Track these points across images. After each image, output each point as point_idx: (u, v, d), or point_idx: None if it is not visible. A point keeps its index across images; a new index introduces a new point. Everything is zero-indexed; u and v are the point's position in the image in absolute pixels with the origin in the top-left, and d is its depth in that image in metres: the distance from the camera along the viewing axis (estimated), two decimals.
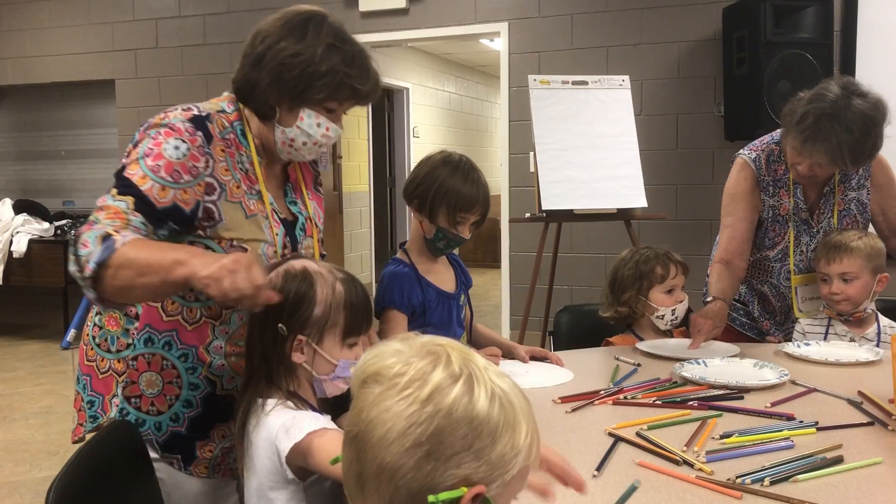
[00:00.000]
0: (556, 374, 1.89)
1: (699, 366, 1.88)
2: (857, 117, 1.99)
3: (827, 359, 1.96)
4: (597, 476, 1.26)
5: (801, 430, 1.44)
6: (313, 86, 1.45)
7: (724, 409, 1.57)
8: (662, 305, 2.19)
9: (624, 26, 4.84)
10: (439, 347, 0.78)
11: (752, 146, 2.32)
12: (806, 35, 4.09)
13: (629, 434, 1.44)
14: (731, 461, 1.31)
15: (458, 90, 9.91)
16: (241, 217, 1.48)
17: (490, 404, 0.74)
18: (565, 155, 3.94)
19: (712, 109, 4.66)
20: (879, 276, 2.12)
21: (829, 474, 1.25)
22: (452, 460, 0.72)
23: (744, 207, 2.28)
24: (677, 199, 4.77)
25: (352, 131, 7.28)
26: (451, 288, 2.02)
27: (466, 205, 1.85)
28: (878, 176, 2.27)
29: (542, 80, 4.05)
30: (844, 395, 1.66)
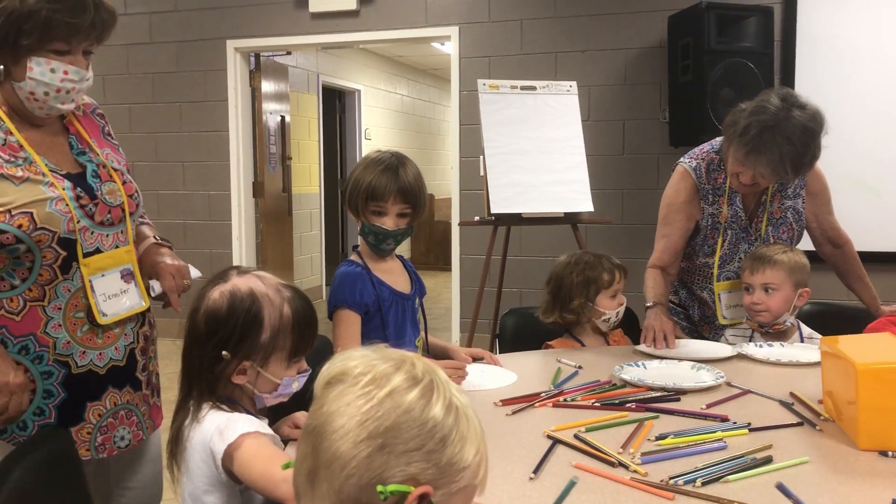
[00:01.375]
0: (500, 376, 1.90)
1: (638, 368, 1.91)
2: (797, 129, 2.04)
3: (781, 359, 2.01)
4: (534, 478, 1.27)
5: (733, 432, 1.47)
6: (22, 31, 1.38)
7: (660, 410, 1.60)
8: (608, 309, 2.23)
9: (572, 33, 4.89)
10: (406, 357, 0.82)
11: (692, 154, 2.36)
12: (748, 44, 4.19)
13: (568, 436, 1.46)
14: (665, 462, 1.33)
15: (410, 93, 9.90)
16: (8, 187, 1.41)
17: (445, 412, 0.78)
18: (514, 159, 3.97)
19: (658, 116, 4.74)
20: (801, 291, 2.18)
21: (759, 474, 1.28)
22: (404, 457, 0.75)
23: (681, 218, 2.33)
24: (623, 203, 4.84)
25: (302, 132, 7.22)
26: (406, 289, 2.02)
27: (377, 194, 1.84)
28: (812, 185, 2.34)
29: (492, 84, 4.08)
30: (777, 397, 1.70)
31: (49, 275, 1.46)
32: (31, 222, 1.40)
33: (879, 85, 4.28)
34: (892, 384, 1.37)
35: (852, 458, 1.36)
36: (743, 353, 2.08)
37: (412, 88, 9.96)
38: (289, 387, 1.36)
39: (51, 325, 1.47)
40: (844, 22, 4.33)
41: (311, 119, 7.43)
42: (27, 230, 1.40)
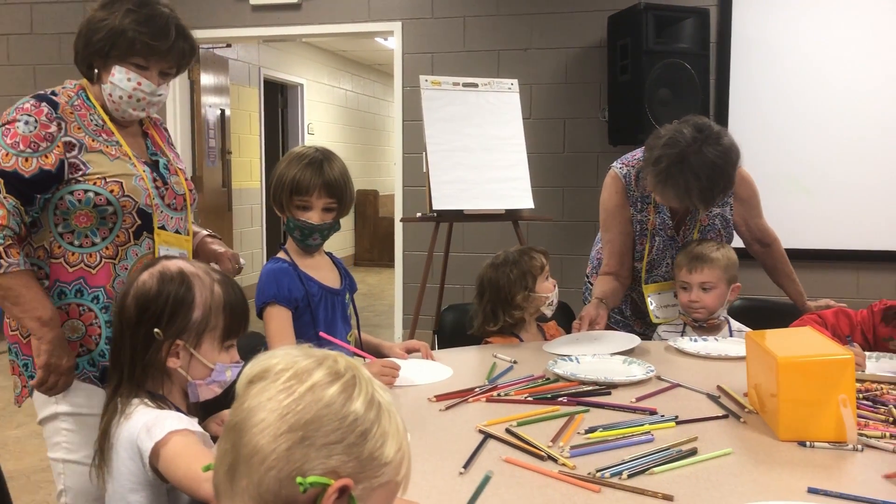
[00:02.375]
0: (435, 371, 1.90)
1: (571, 363, 1.94)
2: (705, 165, 2.08)
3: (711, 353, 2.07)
4: (464, 473, 1.28)
5: (661, 424, 1.50)
6: (115, 44, 1.71)
7: (591, 404, 1.62)
8: (549, 292, 2.25)
9: (514, 31, 4.92)
10: (329, 354, 0.82)
11: (623, 160, 2.41)
12: (685, 45, 4.27)
13: (499, 431, 1.46)
14: (594, 455, 1.35)
15: (354, 88, 9.83)
16: (105, 160, 1.72)
17: (367, 407, 0.79)
18: (456, 156, 3.98)
19: (597, 115, 4.81)
20: (733, 286, 2.26)
21: (684, 466, 1.30)
22: (324, 450, 0.75)
23: (619, 222, 2.37)
24: (563, 201, 4.90)
25: (242, 126, 7.11)
26: (336, 284, 2.00)
27: (302, 188, 1.83)
28: (740, 192, 2.40)
29: (434, 80, 4.08)
30: (705, 390, 1.74)
31: (124, 237, 1.74)
32: (120, 189, 1.71)
33: (811, 86, 4.42)
34: (811, 377, 1.41)
35: (773, 448, 1.40)
36: (674, 347, 2.13)
37: (356, 83, 9.89)
38: (222, 374, 1.34)
39: (117, 280, 1.73)
40: (777, 25, 4.45)
41: (252, 113, 7.32)
42: (117, 195, 1.70)
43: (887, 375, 1.82)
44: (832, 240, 4.39)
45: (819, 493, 1.19)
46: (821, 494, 1.19)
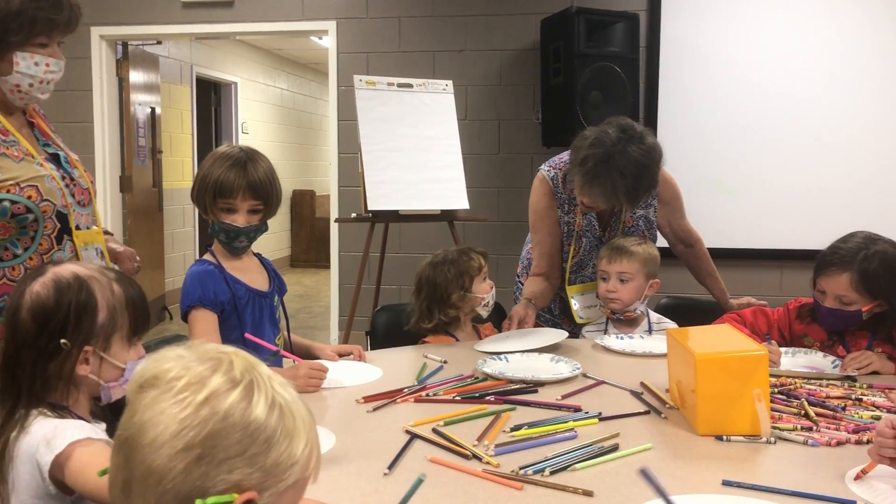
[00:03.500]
0: (364, 372, 1.90)
1: (501, 361, 1.96)
2: (630, 164, 2.14)
3: (636, 350, 2.12)
4: (388, 474, 1.28)
5: (584, 421, 1.52)
6: (10, 28, 1.59)
7: (518, 402, 1.64)
8: (485, 293, 2.28)
9: (450, 32, 4.94)
10: (223, 354, 0.77)
11: (551, 163, 2.45)
12: (615, 49, 4.35)
13: (426, 431, 1.47)
14: (518, 453, 1.36)
15: (290, 87, 9.71)
16: (11, 164, 1.62)
17: (269, 412, 0.74)
18: (391, 156, 3.97)
19: (531, 117, 4.86)
20: (651, 282, 2.32)
21: (605, 461, 1.33)
22: (224, 465, 0.71)
23: (548, 224, 2.41)
24: (499, 201, 4.94)
25: (174, 125, 6.96)
26: (264, 286, 1.98)
27: (226, 190, 1.81)
28: (663, 194, 2.46)
29: (368, 80, 4.06)
30: (628, 387, 1.78)
31: (47, 244, 1.66)
32: (38, 194, 1.62)
33: (737, 89, 4.55)
34: (727, 372, 1.46)
35: (691, 443, 1.44)
36: (601, 345, 2.17)
37: (292, 82, 9.78)
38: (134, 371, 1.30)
39: None
40: (705, 30, 4.57)
41: (184, 111, 7.16)
42: (36, 201, 1.62)
43: (801, 370, 1.89)
44: (756, 239, 4.54)
45: (733, 485, 1.23)
46: (734, 486, 1.23)
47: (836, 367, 1.91)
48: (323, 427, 1.49)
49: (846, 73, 4.43)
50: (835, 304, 1.95)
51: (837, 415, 1.55)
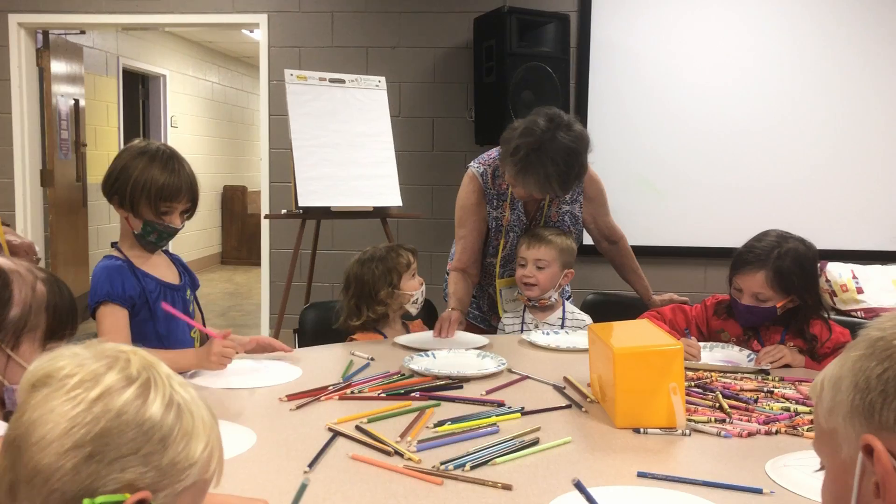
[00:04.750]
0: (285, 371, 1.88)
1: (427, 358, 1.96)
2: (561, 150, 2.18)
3: (560, 345, 2.15)
4: (308, 472, 1.27)
5: (507, 416, 1.54)
6: None
7: (442, 398, 1.65)
8: (414, 290, 2.28)
9: (383, 28, 4.92)
10: (120, 352, 0.75)
11: (480, 160, 2.47)
12: (547, 49, 4.41)
13: (349, 428, 1.46)
14: (440, 448, 1.37)
15: (221, 80, 9.53)
16: None
17: (165, 410, 0.72)
18: (322, 152, 3.94)
19: (465, 114, 4.88)
20: (566, 271, 2.39)
21: (525, 455, 1.35)
22: (116, 464, 0.69)
23: (474, 220, 2.44)
24: (432, 198, 4.95)
25: (99, 118, 6.74)
26: (175, 280, 1.98)
27: (170, 194, 1.80)
28: (589, 190, 2.51)
29: (300, 75, 4.02)
30: (552, 381, 1.81)
31: None
32: None
33: (665, 90, 4.65)
34: (645, 366, 1.49)
35: (610, 436, 1.47)
36: (527, 341, 2.20)
37: (223, 76, 9.59)
38: None
39: None
40: (634, 31, 4.66)
41: (109, 104, 6.95)
42: None
43: (717, 364, 1.95)
44: (682, 237, 4.66)
45: (647, 476, 1.26)
46: (648, 478, 1.26)
47: (751, 361, 1.98)
48: (244, 426, 1.47)
49: (770, 75, 4.58)
50: (751, 301, 2.02)
51: (750, 407, 1.61)
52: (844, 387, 0.66)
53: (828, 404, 0.69)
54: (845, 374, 0.66)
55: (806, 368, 1.99)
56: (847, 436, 0.65)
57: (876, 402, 0.62)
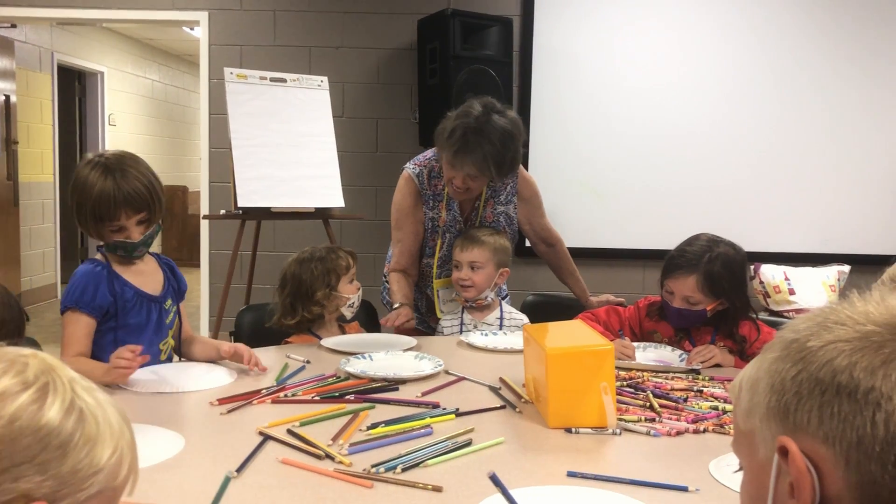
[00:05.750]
0: (219, 375, 1.84)
1: (364, 360, 1.95)
2: (497, 131, 2.22)
3: (498, 346, 2.16)
4: (235, 477, 1.24)
5: (441, 417, 1.54)
6: None
7: (377, 401, 1.64)
8: (351, 294, 2.27)
9: (326, 28, 4.88)
10: (19, 356, 0.71)
11: (416, 161, 2.48)
12: (490, 52, 4.43)
13: (281, 432, 1.44)
14: (373, 451, 1.36)
15: (162, 78, 9.33)
16: None
17: (65, 416, 0.69)
18: (263, 152, 3.89)
19: (409, 116, 4.88)
20: (501, 270, 2.41)
21: (457, 457, 1.35)
22: (10, 473, 0.65)
23: (412, 222, 2.44)
24: (376, 200, 4.93)
25: (32, 114, 6.53)
26: (156, 290, 1.93)
27: (108, 216, 1.77)
28: (523, 191, 2.54)
29: (240, 73, 3.96)
30: (488, 382, 1.81)
31: None
32: None
33: (605, 95, 4.72)
34: (577, 367, 1.51)
35: (542, 436, 1.48)
36: (465, 342, 2.21)
37: (164, 73, 9.39)
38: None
39: None
40: (575, 37, 4.72)
41: (43, 100, 6.74)
42: None
43: (651, 364, 1.98)
44: (620, 239, 4.73)
45: (577, 476, 1.27)
46: (578, 477, 1.27)
47: (683, 361, 2.01)
48: (172, 430, 1.44)
49: (705, 81, 4.69)
50: (682, 304, 2.06)
51: (679, 406, 1.64)
52: (761, 388, 0.67)
53: (745, 406, 0.69)
54: (762, 375, 0.67)
55: (736, 368, 2.04)
56: (764, 437, 0.66)
57: (790, 403, 0.63)
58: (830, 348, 0.61)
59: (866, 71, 4.64)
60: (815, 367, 0.61)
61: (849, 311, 0.63)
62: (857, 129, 4.68)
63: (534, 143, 4.64)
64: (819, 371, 0.61)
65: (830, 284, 4.41)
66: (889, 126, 4.68)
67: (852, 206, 4.74)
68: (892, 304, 0.63)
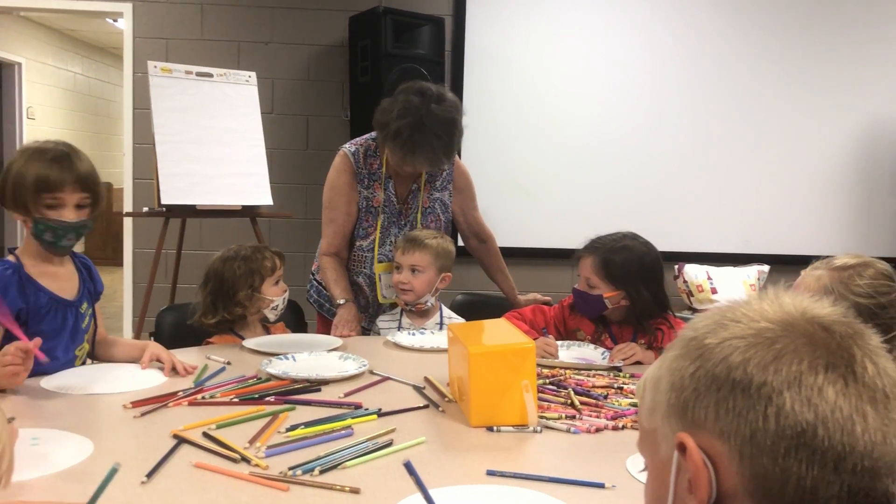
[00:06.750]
0: (133, 377, 1.79)
1: (287, 361, 1.92)
2: (440, 123, 2.23)
3: (424, 346, 2.15)
4: (146, 482, 1.20)
5: (362, 418, 1.52)
6: None
7: (298, 402, 1.61)
8: (275, 296, 2.22)
9: (255, 23, 4.80)
10: None
11: (353, 141, 2.48)
12: (422, 51, 4.43)
13: (197, 435, 1.40)
14: (291, 454, 1.33)
15: (85, 71, 9.03)
16: None
17: None
18: (188, 148, 3.79)
19: (340, 113, 4.83)
20: (443, 275, 2.38)
21: (377, 458, 1.33)
22: None
23: (346, 201, 2.42)
24: (306, 198, 4.87)
25: None
26: (71, 294, 1.85)
27: (51, 184, 1.70)
28: (458, 181, 2.54)
29: (164, 67, 3.85)
30: (412, 382, 1.80)
31: None
32: None
33: (535, 95, 4.78)
34: (499, 365, 1.51)
35: (464, 435, 1.48)
36: (392, 342, 2.19)
37: (87, 66, 9.09)
38: None
39: None
40: (507, 37, 4.76)
41: None
42: None
43: (573, 362, 2.01)
44: (550, 239, 4.78)
45: (496, 474, 1.27)
46: (497, 476, 1.27)
47: (605, 359, 2.04)
48: (80, 435, 1.38)
49: (633, 84, 4.79)
50: (584, 286, 2.12)
51: (600, 403, 1.66)
52: (663, 386, 0.67)
53: (648, 404, 0.70)
54: (663, 373, 0.68)
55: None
56: (665, 435, 0.67)
57: (689, 400, 0.64)
58: (726, 345, 0.62)
59: (787, 74, 4.81)
60: (712, 364, 0.62)
61: (744, 309, 0.64)
62: (778, 133, 4.86)
63: (465, 142, 4.59)
64: (715, 368, 0.62)
65: (751, 283, 4.56)
66: (808, 130, 4.87)
67: (773, 208, 4.91)
68: (785, 302, 0.64)
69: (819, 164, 4.91)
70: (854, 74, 4.83)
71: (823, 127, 4.88)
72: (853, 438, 0.58)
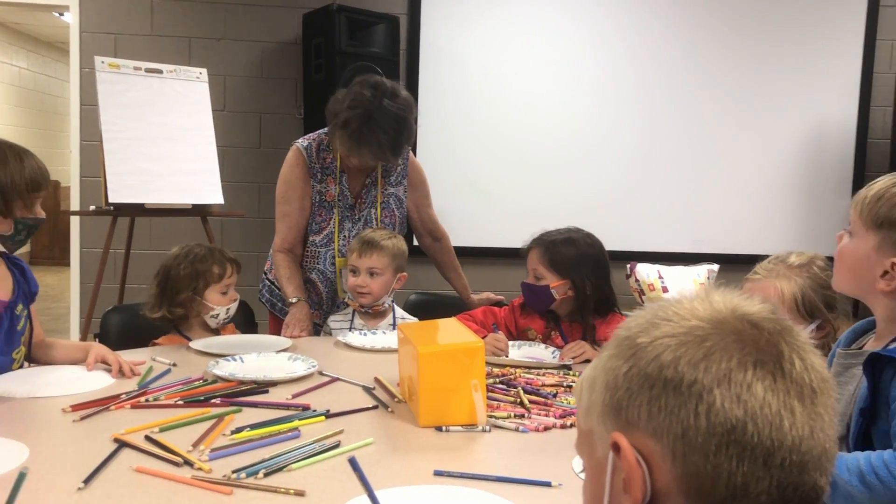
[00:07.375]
0: (74, 380, 1.74)
1: (234, 362, 1.89)
2: (390, 119, 2.23)
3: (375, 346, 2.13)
4: (83, 489, 1.17)
5: (310, 419, 1.50)
6: None
7: (244, 404, 1.59)
8: (218, 305, 2.17)
9: (207, 18, 4.72)
10: None
11: (306, 136, 2.47)
12: (377, 49, 4.40)
13: (139, 438, 1.37)
14: (235, 456, 1.31)
15: (30, 66, 8.79)
16: None
17: None
18: (137, 145, 3.71)
19: (293, 111, 4.78)
20: (399, 275, 2.37)
21: (324, 459, 1.32)
22: None
23: (300, 195, 2.41)
24: (259, 196, 4.81)
25: None
26: (5, 296, 1.80)
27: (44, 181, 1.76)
28: (413, 177, 2.54)
29: (112, 63, 3.76)
30: (362, 383, 1.79)
31: None
32: None
33: (490, 95, 4.78)
34: (448, 365, 1.50)
35: (412, 435, 1.47)
36: (343, 342, 2.17)
37: (33, 61, 8.85)
38: None
39: None
40: (462, 36, 4.76)
41: None
42: None
43: (524, 360, 2.02)
44: (504, 238, 4.77)
45: (443, 474, 1.27)
46: (444, 476, 1.27)
47: (555, 357, 2.06)
48: (14, 440, 1.34)
49: (585, 85, 4.82)
50: (531, 279, 2.14)
51: (549, 401, 1.67)
52: (598, 387, 0.67)
53: (585, 405, 0.70)
54: (598, 374, 0.68)
55: None
56: (601, 435, 0.67)
57: (623, 399, 0.64)
58: (658, 344, 0.62)
59: (733, 77, 4.90)
60: (644, 363, 0.62)
61: (676, 308, 0.65)
62: (726, 135, 4.94)
63: (420, 141, 4.64)
64: (647, 366, 0.62)
65: (701, 282, 4.63)
66: (755, 132, 4.97)
67: (723, 208, 5.00)
68: (716, 300, 0.65)
69: (766, 166, 5.01)
70: (800, 76, 4.95)
71: (770, 129, 4.98)
72: (781, 434, 0.58)
